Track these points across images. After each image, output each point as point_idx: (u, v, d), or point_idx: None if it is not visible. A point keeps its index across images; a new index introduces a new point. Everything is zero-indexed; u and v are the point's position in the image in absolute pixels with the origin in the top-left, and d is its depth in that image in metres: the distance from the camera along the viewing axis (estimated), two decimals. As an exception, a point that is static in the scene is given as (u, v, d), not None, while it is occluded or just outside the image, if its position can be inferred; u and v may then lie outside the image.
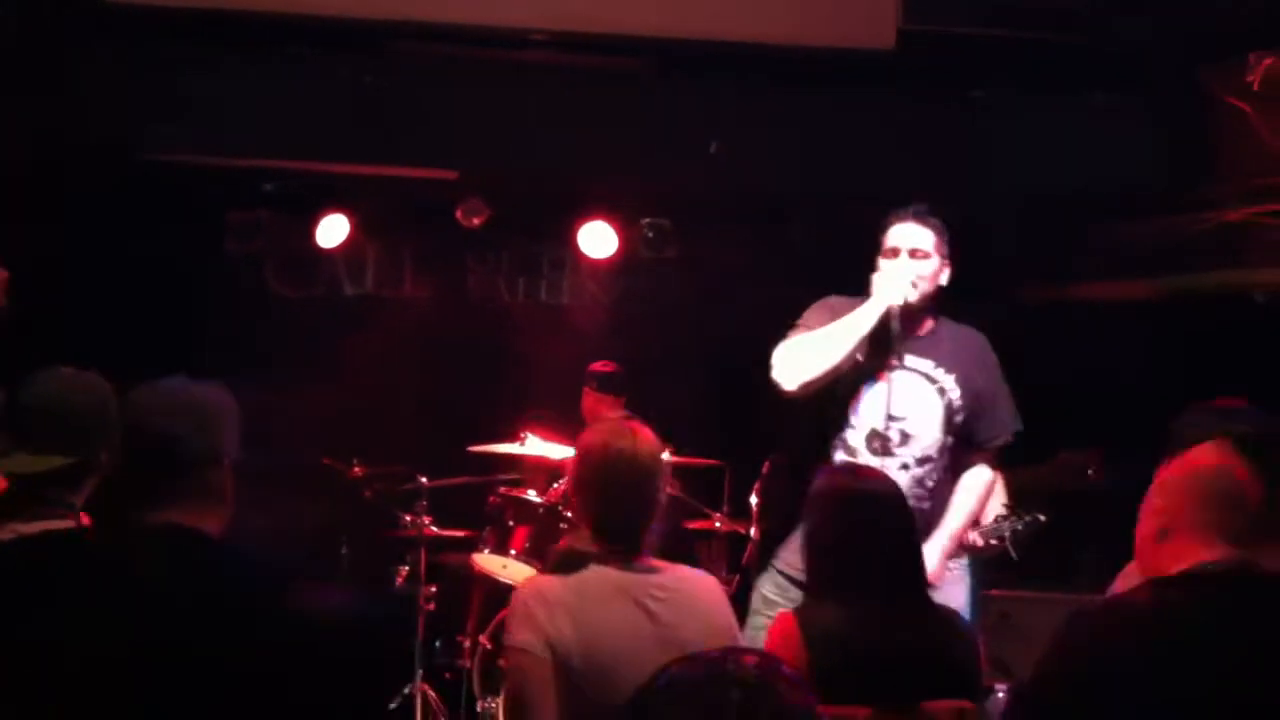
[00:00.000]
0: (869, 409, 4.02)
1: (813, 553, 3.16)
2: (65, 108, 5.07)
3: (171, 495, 2.26)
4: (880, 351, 4.01)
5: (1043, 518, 4.18)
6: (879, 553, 3.04)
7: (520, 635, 2.91)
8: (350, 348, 6.78)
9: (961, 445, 4.06)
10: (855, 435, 4.02)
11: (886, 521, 3.08)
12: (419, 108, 5.43)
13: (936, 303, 4.09)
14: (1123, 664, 2.26)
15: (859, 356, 3.95)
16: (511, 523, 5.57)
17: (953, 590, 4.14)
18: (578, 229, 6.50)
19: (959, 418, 4.04)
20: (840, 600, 3.01)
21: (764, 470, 6.01)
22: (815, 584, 3.14)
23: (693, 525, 6.20)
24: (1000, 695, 3.83)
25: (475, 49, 5.28)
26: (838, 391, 4.00)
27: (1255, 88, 4.67)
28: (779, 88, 5.50)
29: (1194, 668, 2.23)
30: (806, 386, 3.92)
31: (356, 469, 5.87)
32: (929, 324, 4.11)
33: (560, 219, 6.82)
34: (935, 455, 4.00)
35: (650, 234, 6.20)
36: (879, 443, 4.02)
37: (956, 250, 4.01)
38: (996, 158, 5.52)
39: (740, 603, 4.07)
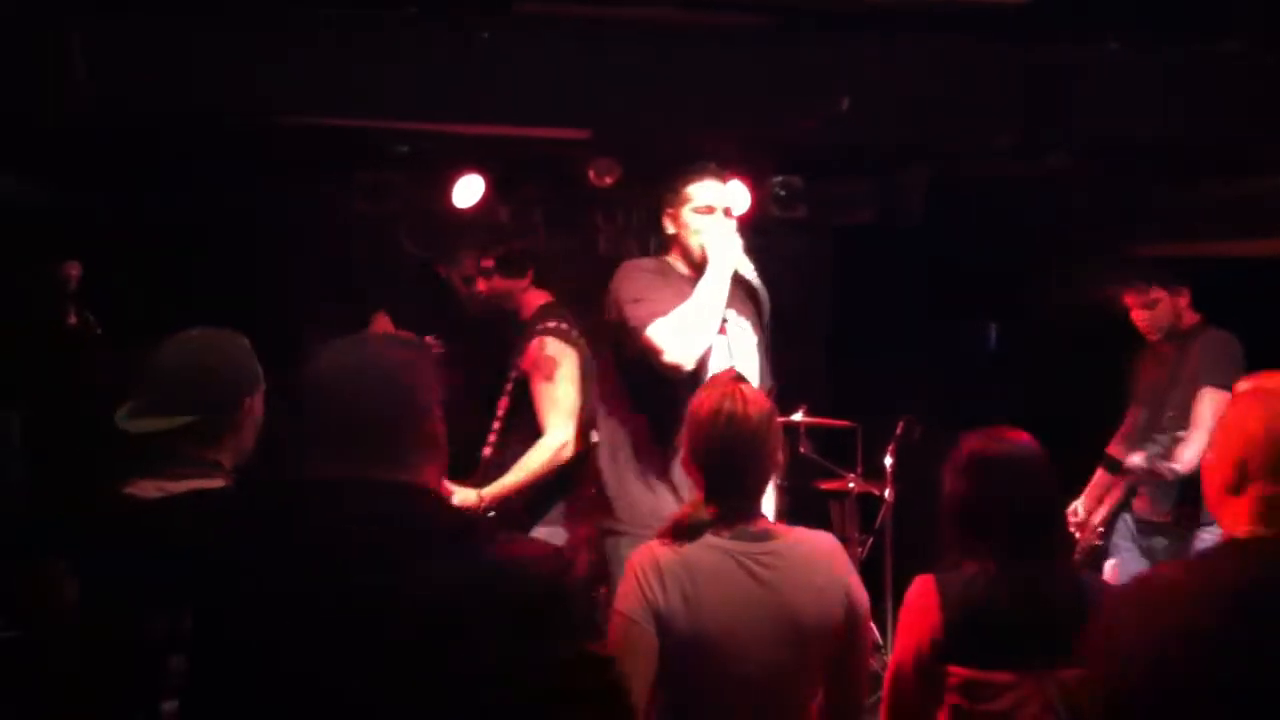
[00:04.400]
0: (716, 366, 4.08)
1: (950, 516, 3.14)
2: (192, 72, 5.15)
3: (377, 455, 2.23)
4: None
5: None
6: (1016, 517, 3.02)
7: (628, 603, 2.94)
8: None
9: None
10: None
11: (1023, 485, 3.05)
12: (549, 68, 5.43)
13: None
14: (1196, 638, 2.02)
15: None
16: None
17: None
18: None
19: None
20: (976, 564, 3.01)
21: (897, 431, 5.97)
22: (952, 547, 3.11)
23: (826, 486, 6.19)
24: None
25: (599, 8, 5.25)
26: None
27: None
28: (906, 42, 5.39)
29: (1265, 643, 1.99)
30: (701, 362, 4.05)
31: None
32: None
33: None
34: None
35: (781, 192, 6.13)
36: None
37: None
38: (1123, 108, 5.36)
39: (873, 565, 4.05)
